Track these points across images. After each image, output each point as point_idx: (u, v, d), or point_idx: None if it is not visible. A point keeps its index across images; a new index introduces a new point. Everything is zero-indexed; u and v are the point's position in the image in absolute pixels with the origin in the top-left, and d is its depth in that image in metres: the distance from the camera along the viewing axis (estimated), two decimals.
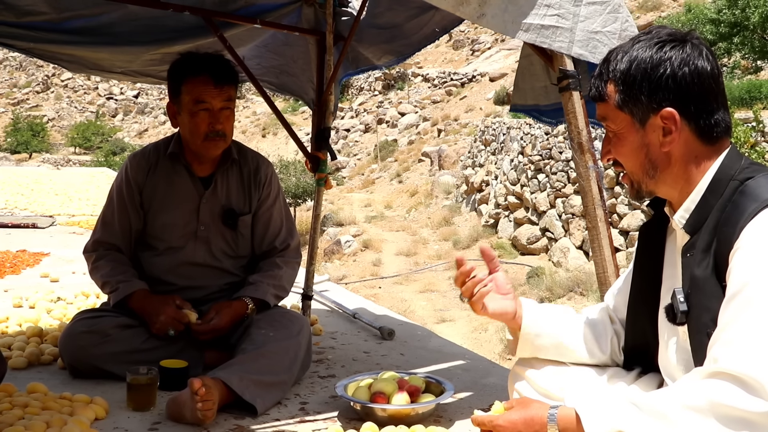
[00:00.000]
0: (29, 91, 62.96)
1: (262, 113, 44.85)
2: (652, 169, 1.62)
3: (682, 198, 1.62)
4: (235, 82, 2.77)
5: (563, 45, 2.29)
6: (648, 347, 1.77)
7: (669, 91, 1.55)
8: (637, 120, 1.61)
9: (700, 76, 1.55)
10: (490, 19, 2.20)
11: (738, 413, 1.33)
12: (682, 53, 1.56)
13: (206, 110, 2.70)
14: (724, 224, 1.50)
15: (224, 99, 2.71)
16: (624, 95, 1.60)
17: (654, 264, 1.74)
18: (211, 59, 2.74)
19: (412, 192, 22.69)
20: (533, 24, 2.24)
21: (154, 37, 3.49)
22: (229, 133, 2.78)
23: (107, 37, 3.38)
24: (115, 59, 3.60)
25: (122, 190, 2.85)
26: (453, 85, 34.67)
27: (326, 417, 2.41)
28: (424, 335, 3.63)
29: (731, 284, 1.43)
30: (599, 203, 2.35)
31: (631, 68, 1.59)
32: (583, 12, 2.30)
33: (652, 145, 1.60)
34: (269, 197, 2.94)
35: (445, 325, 10.76)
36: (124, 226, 2.85)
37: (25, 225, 6.99)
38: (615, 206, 11.65)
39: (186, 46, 3.53)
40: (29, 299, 3.88)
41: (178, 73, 2.73)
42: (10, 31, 3.07)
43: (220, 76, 2.70)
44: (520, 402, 1.66)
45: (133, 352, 2.61)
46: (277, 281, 2.85)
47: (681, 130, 1.57)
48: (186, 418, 2.24)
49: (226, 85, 2.71)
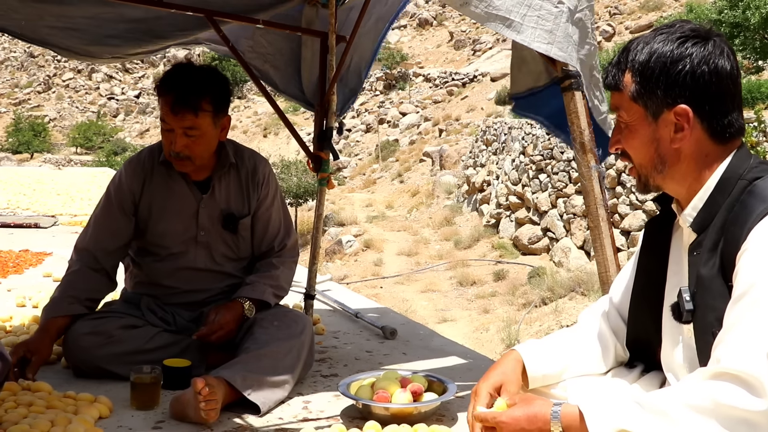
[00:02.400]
0: (31, 91, 63.01)
1: (263, 113, 44.88)
2: (660, 164, 1.60)
3: (689, 195, 1.61)
4: (196, 111, 2.60)
5: (542, 46, 2.30)
6: (650, 342, 1.77)
7: (686, 88, 1.54)
8: (650, 113, 1.59)
9: (718, 76, 1.54)
10: (473, 9, 2.20)
11: (741, 414, 1.33)
12: (703, 51, 1.54)
13: (169, 130, 2.66)
14: (732, 224, 1.49)
15: (184, 126, 2.61)
16: (640, 87, 1.58)
17: (659, 260, 1.74)
18: (182, 81, 2.63)
19: (413, 192, 22.69)
20: (515, 21, 2.24)
21: (149, 35, 3.54)
22: (197, 155, 2.69)
23: (97, 35, 3.47)
24: (105, 51, 3.71)
25: (113, 197, 2.82)
26: (454, 85, 34.70)
27: (329, 416, 2.42)
28: (426, 335, 3.64)
29: (738, 285, 1.43)
30: (601, 203, 2.35)
31: (650, 60, 1.57)
32: (564, 14, 2.30)
33: (662, 140, 1.58)
34: (267, 197, 2.93)
35: (446, 325, 10.77)
36: (111, 232, 2.80)
37: (27, 225, 6.99)
38: (616, 206, 11.65)
39: (184, 39, 3.59)
40: (32, 299, 3.89)
41: (157, 86, 2.68)
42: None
43: (181, 103, 2.59)
44: (524, 399, 1.65)
45: (136, 352, 2.62)
46: (274, 281, 2.84)
47: (693, 128, 1.55)
48: (189, 417, 2.25)
49: (183, 112, 2.59)
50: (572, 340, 1.89)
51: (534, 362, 1.82)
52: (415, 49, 48.90)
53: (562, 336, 1.92)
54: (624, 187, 11.71)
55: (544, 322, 10.24)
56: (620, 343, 1.86)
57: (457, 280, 13.38)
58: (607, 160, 11.71)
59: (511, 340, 9.61)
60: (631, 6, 30.56)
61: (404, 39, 51.46)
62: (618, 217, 11.68)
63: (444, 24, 51.26)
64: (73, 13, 3.31)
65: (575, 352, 1.86)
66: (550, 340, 1.91)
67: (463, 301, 12.40)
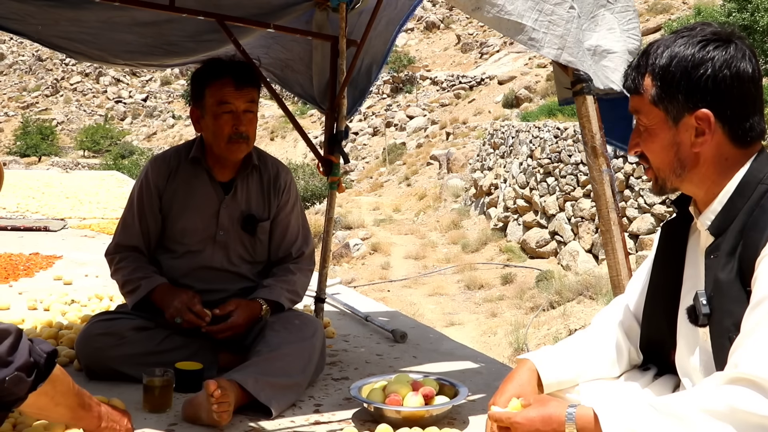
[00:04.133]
0: (38, 95, 63.32)
1: (270, 116, 44.95)
2: (679, 168, 1.60)
3: (708, 199, 1.60)
4: (257, 85, 2.83)
5: (552, 51, 2.29)
6: (663, 344, 1.76)
7: (707, 92, 1.53)
8: (670, 117, 1.58)
9: (740, 80, 1.53)
10: (485, 14, 2.20)
11: (757, 419, 1.33)
12: (725, 54, 1.53)
13: (229, 112, 2.73)
14: (751, 228, 1.48)
15: (247, 101, 2.75)
16: (661, 91, 1.57)
17: (675, 263, 1.73)
18: (232, 63, 2.80)
19: (420, 195, 22.67)
20: (527, 26, 2.24)
21: (161, 41, 3.58)
22: (252, 136, 2.81)
23: (110, 39, 3.52)
24: (119, 56, 3.77)
25: (142, 194, 2.88)
26: (461, 88, 34.67)
27: (341, 419, 2.43)
28: (436, 338, 3.64)
29: (756, 291, 1.42)
30: (613, 207, 2.35)
31: (671, 64, 1.56)
32: (575, 20, 2.30)
33: (683, 144, 1.58)
34: (288, 204, 2.96)
35: (454, 329, 10.75)
36: (144, 230, 2.87)
37: (37, 228, 7.01)
38: (625, 210, 11.62)
39: (197, 57, 3.63)
40: (44, 302, 3.91)
41: (201, 78, 2.78)
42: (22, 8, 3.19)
43: (242, 78, 2.75)
44: (538, 400, 1.65)
45: (148, 354, 2.64)
46: (290, 286, 2.87)
47: (714, 132, 1.54)
48: (202, 419, 2.26)
49: (247, 86, 2.75)
50: (586, 344, 1.88)
51: (548, 370, 1.81)
52: (423, 52, 48.94)
53: (575, 341, 1.91)
54: (632, 190, 11.68)
55: (552, 326, 10.21)
56: (633, 346, 1.86)
57: (464, 284, 13.36)
58: (615, 164, 11.69)
59: (519, 344, 9.59)
60: (639, 9, 30.52)
61: (411, 42, 51.52)
62: (626, 221, 11.65)
63: (451, 27, 51.28)
64: (87, 17, 3.37)
65: (589, 357, 1.85)
66: (564, 345, 1.90)
67: (470, 305, 12.38)
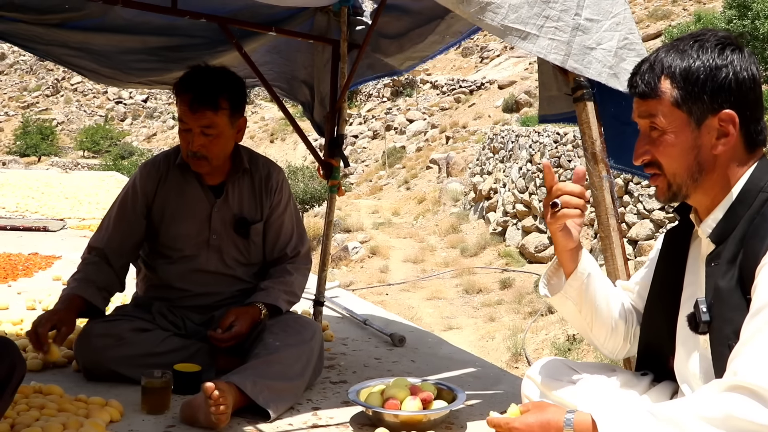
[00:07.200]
0: (39, 95, 63.27)
1: (270, 118, 44.97)
2: (697, 172, 1.59)
3: (712, 205, 1.61)
4: (215, 108, 2.65)
5: (558, 57, 2.30)
6: (662, 349, 1.77)
7: (731, 93, 1.55)
8: (693, 119, 1.58)
9: (755, 83, 1.57)
10: (489, 22, 2.21)
11: (754, 428, 1.33)
12: (741, 57, 1.57)
13: (187, 130, 2.69)
14: (752, 237, 1.49)
15: (202, 125, 2.65)
16: (684, 92, 1.57)
17: (676, 269, 1.74)
18: (199, 80, 2.67)
19: (419, 199, 22.68)
20: (531, 33, 2.25)
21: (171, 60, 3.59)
22: (213, 155, 2.71)
23: (121, 60, 3.56)
24: (131, 76, 3.77)
25: (127, 199, 2.86)
26: (462, 92, 34.67)
27: (339, 422, 2.43)
28: (434, 342, 3.64)
29: (756, 300, 1.43)
30: (612, 213, 2.36)
31: (693, 67, 1.57)
32: (581, 26, 2.31)
33: (703, 147, 1.58)
34: (280, 204, 2.95)
35: (452, 333, 10.75)
36: (116, 235, 2.84)
37: (36, 228, 7.02)
38: (624, 215, 11.63)
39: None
40: (42, 302, 3.91)
41: (175, 86, 2.72)
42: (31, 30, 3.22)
43: (201, 100, 2.62)
44: (537, 405, 1.66)
45: (147, 355, 2.64)
46: (288, 287, 2.87)
47: (734, 133, 1.57)
48: (200, 421, 2.26)
49: (202, 109, 2.63)
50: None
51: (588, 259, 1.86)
52: None
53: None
54: (632, 196, 11.69)
55: (550, 331, 10.21)
56: (634, 321, 1.92)
57: (463, 288, 13.37)
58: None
59: (516, 348, 9.60)
60: (640, 15, 30.53)
61: None
62: (625, 227, 11.65)
63: None
64: (97, 41, 3.38)
65: (613, 290, 1.93)
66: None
67: (468, 309, 12.38)
